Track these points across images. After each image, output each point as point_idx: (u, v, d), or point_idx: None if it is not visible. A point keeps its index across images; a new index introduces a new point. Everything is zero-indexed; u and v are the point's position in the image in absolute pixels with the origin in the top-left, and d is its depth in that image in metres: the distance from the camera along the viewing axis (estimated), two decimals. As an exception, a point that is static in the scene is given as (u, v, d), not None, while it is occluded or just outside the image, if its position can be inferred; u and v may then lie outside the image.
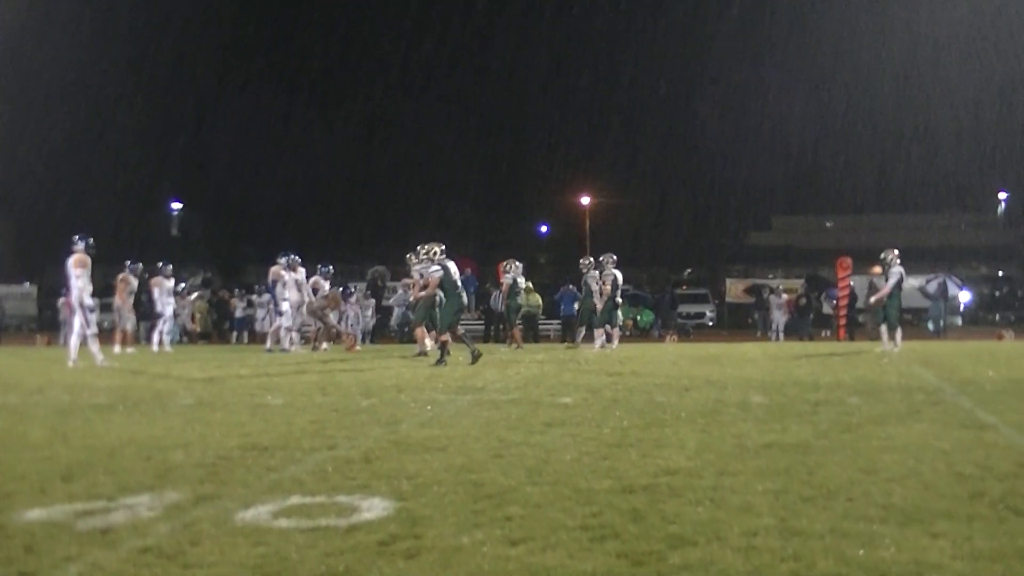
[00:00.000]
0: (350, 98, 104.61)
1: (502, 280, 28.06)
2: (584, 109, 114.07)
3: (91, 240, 18.23)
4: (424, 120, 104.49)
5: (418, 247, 23.36)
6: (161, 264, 27.73)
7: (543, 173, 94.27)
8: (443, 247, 18.92)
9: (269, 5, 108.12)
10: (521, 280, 27.60)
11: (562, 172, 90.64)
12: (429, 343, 20.19)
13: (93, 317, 18.23)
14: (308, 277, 25.38)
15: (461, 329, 18.81)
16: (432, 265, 18.67)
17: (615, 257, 24.92)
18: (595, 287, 24.48)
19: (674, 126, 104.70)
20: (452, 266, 18.82)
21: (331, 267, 27.57)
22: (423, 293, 19.49)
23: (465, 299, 19.32)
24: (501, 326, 33.23)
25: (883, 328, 22.56)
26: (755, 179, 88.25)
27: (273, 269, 25.28)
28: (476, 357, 17.74)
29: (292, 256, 24.78)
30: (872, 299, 22.41)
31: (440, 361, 17.61)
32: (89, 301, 18.16)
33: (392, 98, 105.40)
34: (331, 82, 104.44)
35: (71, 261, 18.02)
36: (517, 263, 27.62)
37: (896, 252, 22.45)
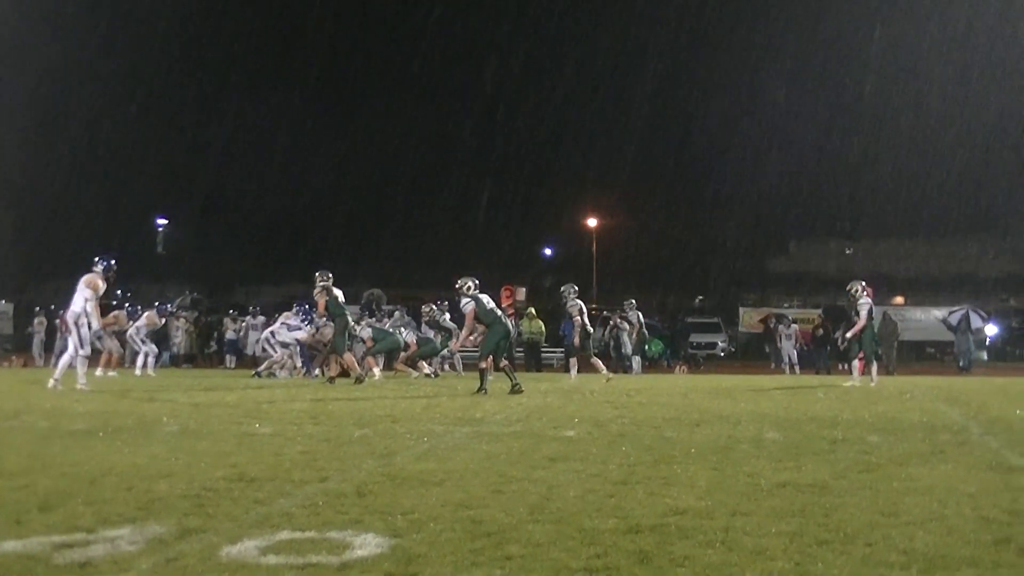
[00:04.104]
0: (345, 114, 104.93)
1: (507, 304, 28.14)
2: (592, 125, 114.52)
3: (112, 263, 18.52)
4: (424, 138, 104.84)
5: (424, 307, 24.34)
6: (159, 304, 28.43)
7: (548, 193, 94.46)
8: (476, 281, 19.44)
9: (265, 22, 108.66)
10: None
11: (568, 192, 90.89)
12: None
13: (88, 335, 18.25)
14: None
15: (504, 361, 19.05)
16: (464, 299, 19.14)
17: (575, 287, 25.18)
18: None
19: (687, 146, 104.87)
20: (484, 297, 19.31)
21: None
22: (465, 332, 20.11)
23: (510, 326, 19.99)
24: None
25: (855, 362, 23.27)
26: (772, 202, 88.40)
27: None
28: (516, 390, 17.98)
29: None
30: (849, 334, 22.77)
31: (480, 389, 18.05)
32: (96, 324, 18.33)
33: (390, 117, 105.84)
34: (326, 96, 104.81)
35: (84, 280, 18.27)
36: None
37: (863, 284, 23.14)
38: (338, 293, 22.27)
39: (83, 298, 18.02)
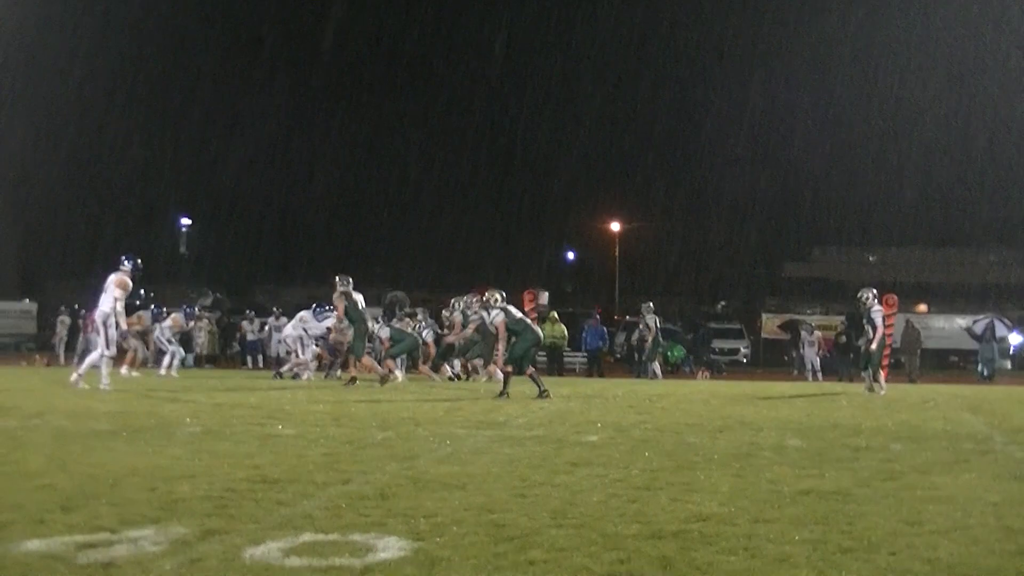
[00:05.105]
0: (368, 117, 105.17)
1: (529, 308, 28.32)
2: (616, 129, 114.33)
3: (139, 261, 18.71)
4: (444, 139, 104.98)
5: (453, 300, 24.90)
6: (186, 307, 28.75)
7: (570, 196, 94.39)
8: (503, 293, 19.70)
9: (289, 25, 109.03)
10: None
11: (590, 195, 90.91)
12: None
13: (115, 336, 18.35)
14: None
15: (530, 368, 19.16)
16: (493, 311, 19.40)
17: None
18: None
19: (711, 150, 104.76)
20: (512, 308, 19.56)
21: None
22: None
23: (540, 332, 20.25)
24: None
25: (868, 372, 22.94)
26: (794, 207, 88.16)
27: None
28: (543, 395, 18.09)
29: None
30: (874, 345, 22.44)
31: (503, 393, 18.13)
32: (124, 325, 18.48)
33: (413, 119, 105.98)
34: (349, 99, 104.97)
35: (113, 280, 18.41)
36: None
37: (874, 291, 22.99)
38: (358, 298, 22.31)
39: (112, 298, 18.12)
